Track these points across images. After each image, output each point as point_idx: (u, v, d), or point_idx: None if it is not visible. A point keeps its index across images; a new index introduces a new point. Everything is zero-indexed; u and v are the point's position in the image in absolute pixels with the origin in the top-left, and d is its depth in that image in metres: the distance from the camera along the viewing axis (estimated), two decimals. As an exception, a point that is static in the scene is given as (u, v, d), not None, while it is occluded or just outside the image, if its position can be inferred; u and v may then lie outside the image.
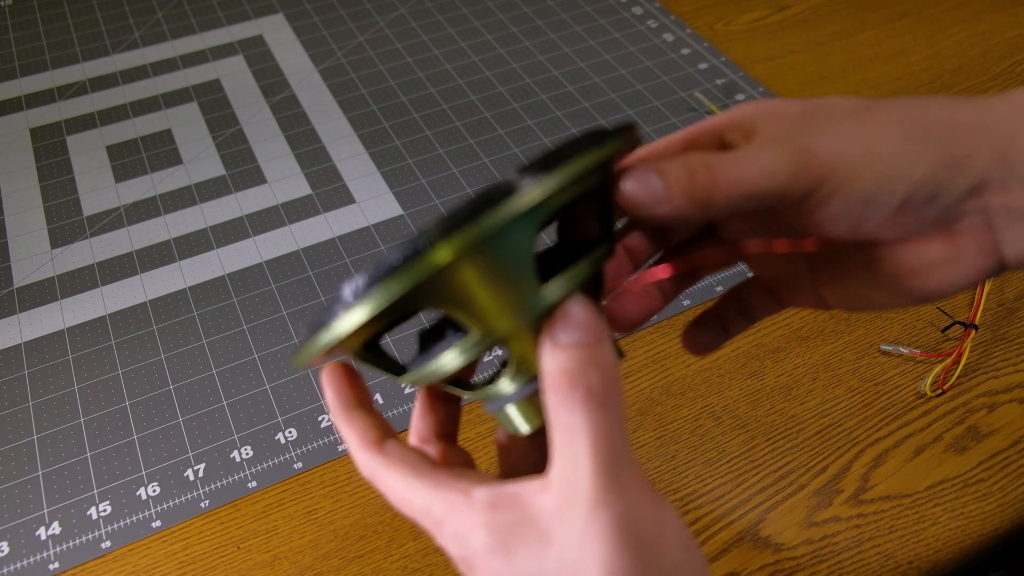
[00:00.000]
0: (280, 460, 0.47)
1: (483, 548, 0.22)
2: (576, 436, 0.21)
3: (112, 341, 0.52)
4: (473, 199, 0.20)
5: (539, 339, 0.23)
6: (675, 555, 0.22)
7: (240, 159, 0.65)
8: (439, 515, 0.23)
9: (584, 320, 0.22)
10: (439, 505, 0.23)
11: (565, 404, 0.21)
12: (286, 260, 0.58)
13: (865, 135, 0.24)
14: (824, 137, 0.24)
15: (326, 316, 0.22)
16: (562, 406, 0.22)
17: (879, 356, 0.52)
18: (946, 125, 0.24)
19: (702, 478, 0.46)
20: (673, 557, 0.22)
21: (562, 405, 0.22)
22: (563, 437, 0.21)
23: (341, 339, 0.22)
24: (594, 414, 0.21)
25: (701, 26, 0.79)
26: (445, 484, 0.24)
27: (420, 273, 0.20)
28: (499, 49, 0.76)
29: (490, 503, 0.23)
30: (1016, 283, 0.56)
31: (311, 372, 0.51)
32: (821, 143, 0.24)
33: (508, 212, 0.20)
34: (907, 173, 0.24)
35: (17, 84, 0.73)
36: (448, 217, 0.20)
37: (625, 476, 0.21)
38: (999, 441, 0.48)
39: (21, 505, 0.45)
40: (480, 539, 0.22)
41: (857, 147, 0.24)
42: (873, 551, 0.43)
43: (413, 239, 0.20)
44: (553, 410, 0.22)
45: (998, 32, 0.78)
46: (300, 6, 0.82)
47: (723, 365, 0.51)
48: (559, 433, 0.22)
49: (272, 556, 0.43)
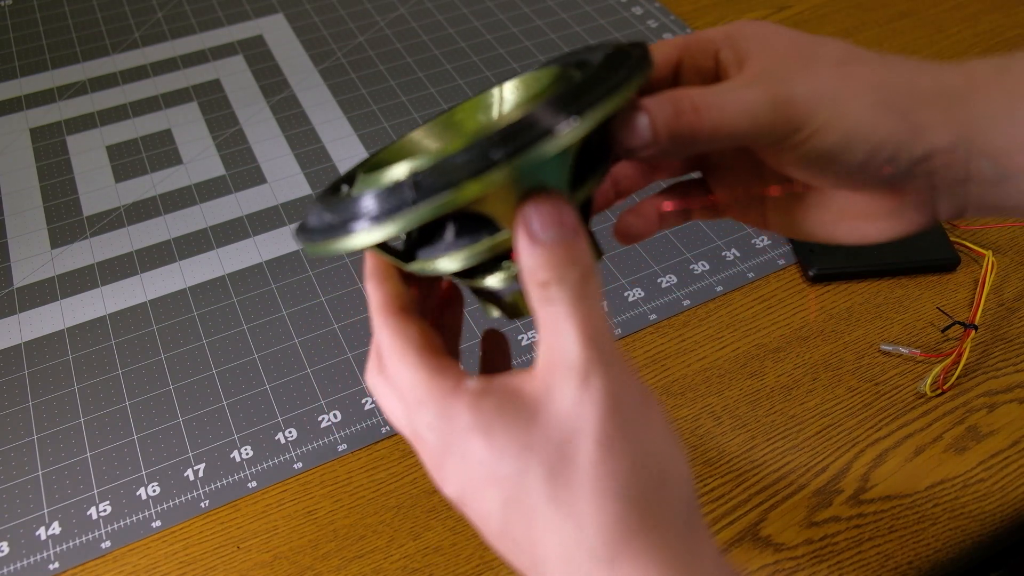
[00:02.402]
0: (280, 460, 0.47)
1: (464, 427, 0.23)
2: (560, 322, 0.23)
3: (112, 341, 0.52)
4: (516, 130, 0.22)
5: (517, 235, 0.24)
6: (659, 433, 0.23)
7: (240, 159, 0.65)
8: (422, 395, 0.24)
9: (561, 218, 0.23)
10: (427, 386, 0.24)
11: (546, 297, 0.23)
12: (286, 260, 0.58)
13: (840, 92, 0.26)
14: (805, 86, 0.26)
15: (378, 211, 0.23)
16: (544, 299, 0.23)
17: (879, 356, 0.52)
18: (910, 95, 0.27)
19: (702, 478, 0.46)
20: (656, 435, 0.23)
21: (544, 298, 0.23)
22: (548, 326, 0.23)
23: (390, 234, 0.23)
24: (577, 303, 0.23)
25: (701, 26, 0.79)
26: (441, 369, 0.25)
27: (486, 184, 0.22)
28: (499, 49, 0.76)
29: (478, 390, 0.24)
30: (1016, 283, 0.56)
31: (312, 377, 0.51)
32: (800, 92, 0.26)
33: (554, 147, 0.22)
34: (869, 136, 0.26)
35: (17, 84, 0.73)
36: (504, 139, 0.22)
37: (611, 354, 0.23)
38: (999, 441, 0.48)
39: (21, 505, 0.45)
40: (463, 419, 0.23)
41: (831, 104, 0.26)
42: (873, 551, 0.43)
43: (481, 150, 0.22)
44: (537, 302, 0.23)
45: (998, 32, 0.78)
46: (300, 6, 0.82)
47: (723, 365, 0.51)
48: (544, 322, 0.23)
49: (272, 556, 0.43)
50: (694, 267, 0.57)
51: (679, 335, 0.53)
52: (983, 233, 0.59)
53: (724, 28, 0.29)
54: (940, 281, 0.56)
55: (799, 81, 0.26)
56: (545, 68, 0.31)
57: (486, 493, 0.23)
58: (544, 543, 0.22)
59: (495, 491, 0.23)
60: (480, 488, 0.23)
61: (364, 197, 0.24)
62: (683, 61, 0.30)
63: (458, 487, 0.24)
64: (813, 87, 0.26)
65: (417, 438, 0.25)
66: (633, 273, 0.56)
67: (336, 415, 0.49)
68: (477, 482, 0.23)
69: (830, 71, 0.27)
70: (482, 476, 0.23)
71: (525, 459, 0.22)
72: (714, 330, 0.53)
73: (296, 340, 0.52)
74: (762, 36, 0.28)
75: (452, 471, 0.24)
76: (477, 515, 0.24)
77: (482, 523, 0.24)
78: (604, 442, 0.22)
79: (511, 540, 0.23)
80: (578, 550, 0.22)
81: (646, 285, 0.56)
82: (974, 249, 0.57)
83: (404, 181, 0.23)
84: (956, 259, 0.56)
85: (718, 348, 0.52)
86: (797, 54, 0.27)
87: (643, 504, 0.22)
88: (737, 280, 0.56)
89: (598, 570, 0.22)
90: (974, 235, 0.58)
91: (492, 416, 0.23)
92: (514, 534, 0.23)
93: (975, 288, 0.55)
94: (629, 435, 0.22)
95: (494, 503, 0.23)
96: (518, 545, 0.23)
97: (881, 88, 0.26)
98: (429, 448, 0.24)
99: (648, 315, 0.54)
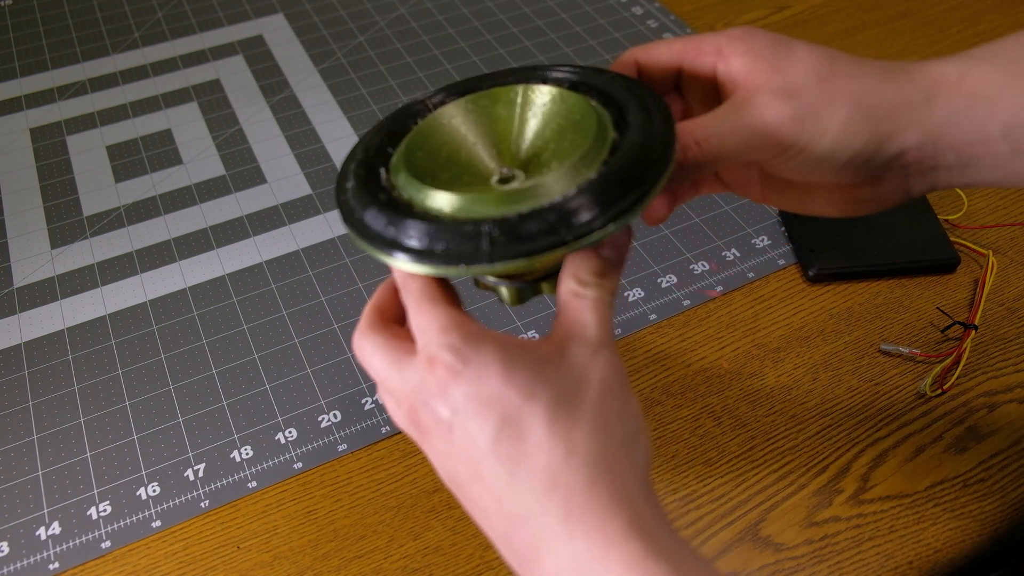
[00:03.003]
0: (280, 460, 0.47)
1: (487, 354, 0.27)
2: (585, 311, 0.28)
3: (112, 341, 0.52)
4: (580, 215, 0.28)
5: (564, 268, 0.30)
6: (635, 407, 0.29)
7: (240, 159, 0.65)
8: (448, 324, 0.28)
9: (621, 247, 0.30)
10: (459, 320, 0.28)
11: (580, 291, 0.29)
12: (286, 260, 0.58)
13: (821, 112, 0.31)
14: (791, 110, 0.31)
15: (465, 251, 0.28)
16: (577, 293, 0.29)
17: (879, 356, 0.52)
18: (881, 105, 0.31)
19: (702, 478, 0.46)
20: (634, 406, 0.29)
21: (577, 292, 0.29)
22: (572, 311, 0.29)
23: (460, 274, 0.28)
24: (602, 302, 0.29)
25: (701, 26, 0.79)
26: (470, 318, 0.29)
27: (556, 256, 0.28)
28: (499, 49, 0.76)
29: (504, 337, 0.28)
30: (1016, 283, 0.56)
31: (312, 377, 0.51)
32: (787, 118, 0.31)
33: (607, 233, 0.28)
34: (849, 146, 0.31)
35: (17, 84, 0.73)
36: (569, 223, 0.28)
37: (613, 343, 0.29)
38: (999, 441, 0.48)
39: (21, 505, 0.45)
40: (488, 348, 0.27)
41: (813, 125, 0.31)
42: (873, 551, 0.43)
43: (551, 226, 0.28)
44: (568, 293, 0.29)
45: (998, 32, 0.78)
46: (300, 6, 0.82)
47: (723, 365, 0.51)
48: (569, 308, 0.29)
49: (272, 556, 0.43)
50: (694, 267, 0.57)
51: (679, 335, 0.53)
52: (983, 233, 0.59)
53: (717, 40, 0.33)
54: (940, 281, 0.56)
55: (786, 105, 0.31)
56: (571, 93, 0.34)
57: (487, 410, 0.26)
58: (532, 460, 0.26)
59: (496, 410, 0.26)
60: (483, 405, 0.27)
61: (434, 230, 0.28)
62: (683, 69, 0.34)
63: (458, 403, 0.27)
64: (798, 110, 0.31)
65: (431, 361, 0.28)
66: (633, 273, 0.56)
67: (336, 415, 0.49)
68: (483, 399, 0.27)
69: (812, 90, 0.31)
70: (488, 395, 0.26)
71: (534, 390, 0.26)
72: (714, 330, 0.53)
73: (296, 340, 0.52)
74: (753, 52, 0.32)
75: (460, 388, 0.27)
76: (469, 431, 0.27)
77: (472, 439, 0.27)
78: (605, 393, 0.27)
79: (495, 456, 0.26)
80: (565, 470, 0.26)
81: (646, 285, 0.56)
82: (974, 249, 0.57)
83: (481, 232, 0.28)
84: (956, 259, 0.56)
85: (718, 348, 0.52)
86: (783, 72, 0.32)
87: (623, 449, 0.27)
88: (737, 280, 0.56)
89: (581, 490, 0.26)
90: (974, 235, 0.58)
91: (514, 353, 0.27)
92: (501, 450, 0.26)
93: (975, 288, 0.55)
94: (619, 397, 0.28)
95: (491, 421, 0.26)
96: (500, 461, 0.26)
97: (856, 103, 0.31)
98: (442, 366, 0.27)
99: (648, 315, 0.54)
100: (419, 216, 0.29)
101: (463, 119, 0.36)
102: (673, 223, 0.60)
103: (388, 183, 0.32)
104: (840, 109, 0.31)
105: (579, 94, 0.34)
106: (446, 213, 0.30)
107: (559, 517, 0.26)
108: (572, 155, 0.31)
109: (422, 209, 0.30)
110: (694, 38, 0.34)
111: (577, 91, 0.35)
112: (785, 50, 0.32)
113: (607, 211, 0.28)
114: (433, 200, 0.30)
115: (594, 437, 0.27)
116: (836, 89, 0.31)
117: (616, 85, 0.34)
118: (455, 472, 0.28)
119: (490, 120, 0.36)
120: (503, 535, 0.28)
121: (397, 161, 0.33)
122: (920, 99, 0.31)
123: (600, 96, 0.34)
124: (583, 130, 0.32)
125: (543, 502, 0.26)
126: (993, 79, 0.31)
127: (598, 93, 0.34)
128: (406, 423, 0.30)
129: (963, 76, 0.31)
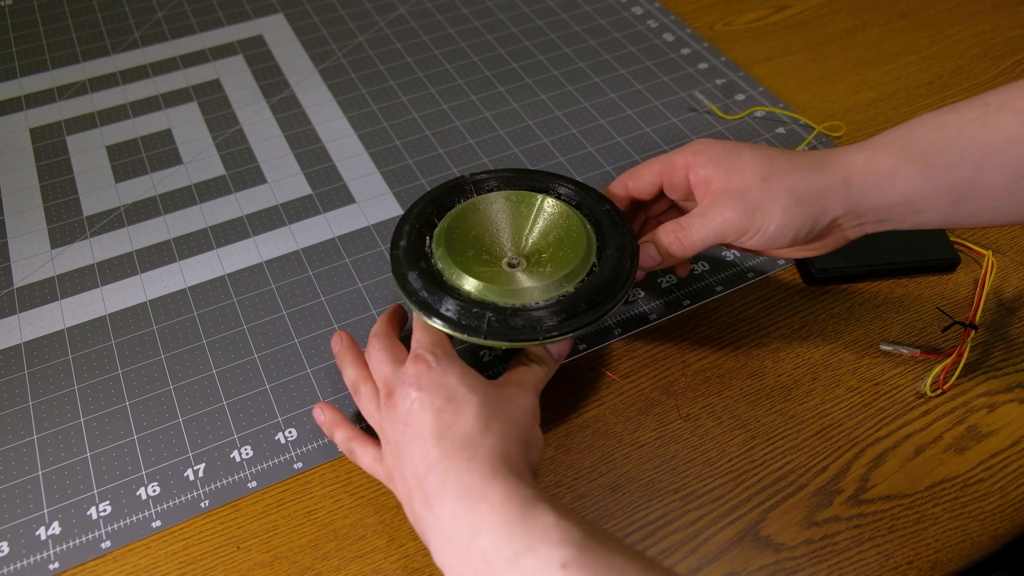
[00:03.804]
0: (280, 460, 0.47)
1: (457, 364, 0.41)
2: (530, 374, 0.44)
3: (112, 341, 0.52)
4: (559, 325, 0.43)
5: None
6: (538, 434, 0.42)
7: (240, 159, 0.65)
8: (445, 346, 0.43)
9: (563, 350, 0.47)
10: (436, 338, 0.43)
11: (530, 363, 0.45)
12: (286, 260, 0.58)
13: (765, 205, 0.43)
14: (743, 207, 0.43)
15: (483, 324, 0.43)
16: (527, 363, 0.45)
17: (879, 356, 0.52)
18: (808, 192, 0.43)
19: (702, 478, 0.46)
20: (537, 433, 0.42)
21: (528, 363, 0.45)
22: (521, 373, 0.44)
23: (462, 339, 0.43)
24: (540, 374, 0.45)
25: (701, 26, 0.79)
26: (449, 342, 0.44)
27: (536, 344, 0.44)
28: (499, 49, 0.76)
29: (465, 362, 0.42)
30: (1016, 283, 0.56)
31: (312, 377, 0.51)
32: (739, 213, 0.43)
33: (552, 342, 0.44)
34: (791, 225, 0.43)
35: (17, 84, 0.73)
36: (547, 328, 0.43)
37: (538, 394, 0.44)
38: (999, 441, 0.48)
39: (21, 505, 0.45)
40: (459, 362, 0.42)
41: (761, 215, 0.43)
42: (873, 551, 0.43)
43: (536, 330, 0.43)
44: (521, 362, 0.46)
45: (998, 32, 0.78)
46: (300, 6, 0.82)
47: (723, 365, 0.51)
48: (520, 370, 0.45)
49: (272, 556, 0.43)
50: (694, 267, 0.57)
51: (679, 335, 0.53)
52: (983, 233, 0.59)
53: (684, 158, 0.46)
54: (940, 281, 0.56)
55: (738, 205, 0.43)
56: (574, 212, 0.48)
57: (441, 391, 0.40)
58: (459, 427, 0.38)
59: (447, 392, 0.40)
60: (439, 388, 0.40)
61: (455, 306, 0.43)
62: (664, 181, 0.48)
63: (424, 384, 0.40)
64: (747, 207, 0.43)
65: (416, 358, 0.41)
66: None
67: (336, 415, 0.49)
68: (441, 385, 0.40)
69: (756, 190, 0.43)
70: (445, 383, 0.40)
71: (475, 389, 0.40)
72: (714, 330, 0.53)
73: (296, 340, 0.52)
74: (712, 163, 0.45)
75: (428, 376, 0.40)
76: (424, 403, 0.39)
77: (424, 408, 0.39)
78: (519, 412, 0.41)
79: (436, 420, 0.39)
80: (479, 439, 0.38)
81: (646, 285, 0.56)
82: (974, 249, 0.57)
83: (484, 316, 0.42)
84: (956, 259, 0.56)
85: (718, 348, 0.52)
86: (735, 176, 0.44)
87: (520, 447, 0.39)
88: (737, 280, 0.56)
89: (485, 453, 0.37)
90: (974, 235, 0.58)
91: (471, 370, 0.42)
92: (442, 418, 0.39)
93: (975, 288, 0.55)
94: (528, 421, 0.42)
95: (441, 397, 0.39)
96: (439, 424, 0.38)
97: (790, 194, 0.43)
98: (422, 360, 0.41)
99: (648, 315, 0.54)
100: (447, 290, 0.44)
101: (495, 209, 0.49)
102: (673, 223, 0.60)
103: (430, 250, 0.46)
104: (780, 201, 0.43)
105: (580, 215, 0.48)
106: (465, 290, 0.44)
107: (464, 463, 0.37)
108: (562, 268, 0.45)
109: (450, 281, 0.45)
110: (667, 159, 0.47)
111: (580, 211, 0.48)
112: (735, 156, 0.44)
113: (570, 321, 0.43)
114: (459, 278, 0.44)
115: (503, 430, 0.39)
116: (775, 186, 0.43)
117: (608, 218, 0.47)
118: (404, 435, 0.39)
119: (513, 215, 0.49)
120: (420, 476, 0.37)
121: (439, 233, 0.47)
122: (839, 183, 0.42)
123: (595, 223, 0.48)
124: (575, 248, 0.46)
125: (458, 451, 0.37)
126: (890, 163, 0.42)
127: (595, 220, 0.48)
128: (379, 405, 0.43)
129: (868, 162, 0.42)
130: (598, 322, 0.43)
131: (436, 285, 0.44)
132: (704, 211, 0.44)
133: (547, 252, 0.47)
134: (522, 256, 0.48)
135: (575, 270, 0.45)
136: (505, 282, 0.45)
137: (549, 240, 0.48)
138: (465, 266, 0.45)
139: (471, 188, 0.50)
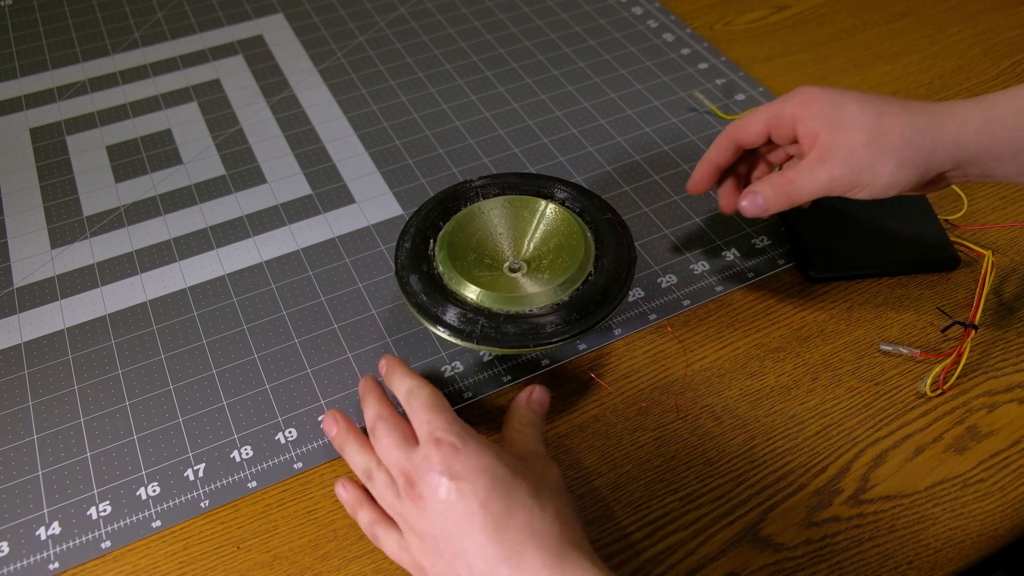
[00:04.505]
0: (280, 460, 0.47)
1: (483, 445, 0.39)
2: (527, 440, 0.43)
3: (112, 341, 0.52)
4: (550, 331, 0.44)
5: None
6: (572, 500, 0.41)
7: (240, 159, 0.65)
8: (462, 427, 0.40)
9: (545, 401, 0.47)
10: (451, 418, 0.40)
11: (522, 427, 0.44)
12: (286, 260, 0.58)
13: (874, 163, 0.44)
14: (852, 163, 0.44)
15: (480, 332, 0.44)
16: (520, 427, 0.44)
17: (879, 356, 0.52)
18: (917, 153, 0.43)
19: (702, 478, 0.46)
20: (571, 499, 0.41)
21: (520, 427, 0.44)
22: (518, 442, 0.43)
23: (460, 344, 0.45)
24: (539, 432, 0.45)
25: (701, 26, 0.79)
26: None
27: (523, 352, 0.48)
28: (499, 49, 0.76)
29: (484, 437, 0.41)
30: (1016, 283, 0.56)
31: (312, 377, 0.51)
32: (850, 169, 0.44)
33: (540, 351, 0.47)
34: (899, 182, 0.44)
35: (17, 84, 0.73)
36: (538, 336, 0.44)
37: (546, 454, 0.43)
38: (999, 441, 0.48)
39: (21, 505, 0.45)
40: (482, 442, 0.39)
41: (868, 173, 0.44)
42: (873, 551, 0.43)
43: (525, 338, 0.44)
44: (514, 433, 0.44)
45: (998, 32, 0.78)
46: (300, 6, 0.82)
47: (723, 365, 0.51)
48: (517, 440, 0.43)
49: (272, 556, 0.43)
50: (694, 267, 0.57)
51: (679, 335, 0.53)
52: (983, 233, 0.59)
53: (792, 108, 0.47)
54: (940, 281, 0.56)
55: (846, 165, 0.44)
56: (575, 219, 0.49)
57: (482, 475, 0.37)
58: (517, 515, 0.36)
59: (489, 476, 0.37)
60: (480, 471, 0.37)
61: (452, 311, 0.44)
62: (771, 131, 0.48)
63: (458, 471, 0.37)
64: (855, 167, 0.44)
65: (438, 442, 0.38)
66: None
67: (336, 415, 0.49)
68: (479, 468, 0.37)
69: (864, 150, 0.44)
70: (484, 465, 0.37)
71: (519, 471, 0.38)
72: (714, 330, 0.53)
73: (296, 340, 0.52)
74: (819, 117, 0.45)
75: (460, 460, 0.38)
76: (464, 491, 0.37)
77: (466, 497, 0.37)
78: (557, 486, 0.40)
79: (485, 511, 0.36)
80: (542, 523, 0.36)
81: (646, 285, 0.56)
82: (974, 249, 0.57)
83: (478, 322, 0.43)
84: (956, 259, 0.56)
85: (718, 348, 0.52)
86: (843, 132, 0.44)
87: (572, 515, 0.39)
88: (737, 280, 0.56)
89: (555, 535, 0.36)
90: (974, 235, 0.58)
91: (498, 448, 0.40)
92: (492, 506, 0.36)
93: (975, 288, 0.55)
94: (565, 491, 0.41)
95: (484, 482, 0.37)
96: (490, 515, 0.36)
97: (900, 152, 0.43)
98: (447, 444, 0.38)
99: (648, 315, 0.54)
100: (445, 295, 0.45)
101: (497, 213, 0.49)
102: (673, 223, 0.60)
103: (432, 252, 0.47)
104: (888, 160, 0.43)
105: (582, 223, 0.48)
106: (462, 295, 0.45)
107: (535, 556, 0.35)
108: (559, 276, 0.45)
109: (448, 285, 0.45)
110: (774, 110, 0.47)
111: (583, 218, 0.48)
112: (842, 112, 0.45)
113: (561, 332, 0.43)
114: (458, 283, 0.45)
115: (557, 509, 0.38)
116: (884, 145, 0.43)
117: (609, 227, 0.48)
118: (444, 529, 0.37)
119: (515, 219, 0.49)
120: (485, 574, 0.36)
121: (443, 237, 0.48)
122: (952, 144, 0.43)
123: (596, 231, 0.48)
124: (574, 257, 0.46)
125: (523, 544, 0.36)
126: (1010, 123, 0.42)
127: (596, 229, 0.48)
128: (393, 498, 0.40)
129: (985, 123, 0.43)
130: (590, 331, 0.44)
131: (435, 289, 0.45)
132: (811, 167, 0.45)
133: (547, 258, 0.48)
134: (524, 261, 0.48)
135: (571, 278, 0.45)
136: (505, 287, 0.45)
137: (550, 246, 0.48)
138: (465, 271, 0.46)
139: (476, 192, 0.50)
